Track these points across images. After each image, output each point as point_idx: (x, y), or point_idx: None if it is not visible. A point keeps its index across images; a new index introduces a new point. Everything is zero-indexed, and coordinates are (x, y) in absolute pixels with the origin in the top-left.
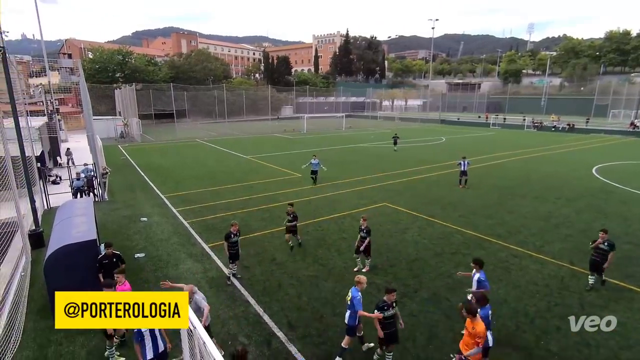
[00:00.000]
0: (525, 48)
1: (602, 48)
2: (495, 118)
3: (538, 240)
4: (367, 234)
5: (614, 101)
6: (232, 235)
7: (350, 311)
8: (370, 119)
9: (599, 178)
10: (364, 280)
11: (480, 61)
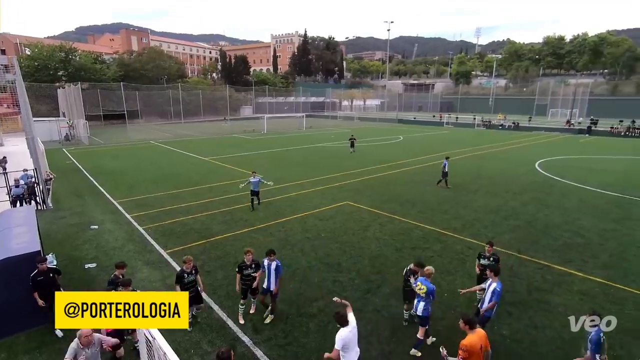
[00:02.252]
0: (474, 51)
1: (541, 52)
2: (449, 117)
3: (490, 232)
4: None
5: (552, 101)
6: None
7: (425, 303)
8: (330, 119)
9: (541, 172)
10: (433, 270)
11: (434, 63)
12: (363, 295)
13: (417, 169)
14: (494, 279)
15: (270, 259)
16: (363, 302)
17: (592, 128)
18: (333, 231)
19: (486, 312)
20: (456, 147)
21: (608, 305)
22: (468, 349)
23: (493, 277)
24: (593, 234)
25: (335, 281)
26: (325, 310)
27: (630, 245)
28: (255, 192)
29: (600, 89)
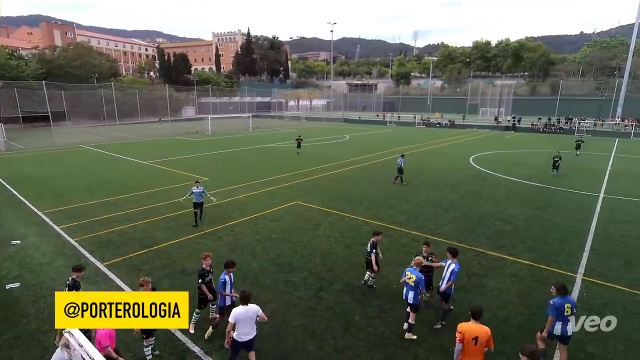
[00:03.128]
0: (412, 53)
1: (471, 55)
2: (391, 116)
3: (432, 224)
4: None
5: (482, 100)
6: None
7: (414, 292)
8: (277, 119)
9: (475, 166)
10: (422, 260)
11: (376, 64)
12: (316, 294)
13: (364, 167)
14: (452, 260)
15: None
16: (316, 301)
17: (516, 125)
18: (284, 232)
19: (447, 290)
20: (399, 145)
21: (535, 284)
22: (461, 331)
23: (452, 258)
24: (520, 220)
25: (288, 282)
26: (279, 312)
27: (551, 229)
28: (198, 203)
29: (522, 90)
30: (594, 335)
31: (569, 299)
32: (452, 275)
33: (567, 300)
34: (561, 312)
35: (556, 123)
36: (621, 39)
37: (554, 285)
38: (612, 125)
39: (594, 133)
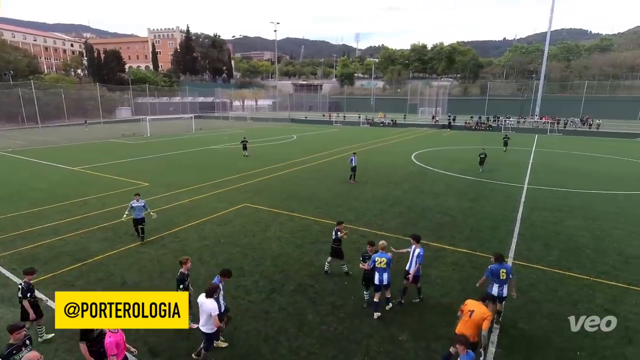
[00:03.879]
0: (355, 54)
1: (409, 57)
2: (337, 116)
3: (379, 220)
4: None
5: (421, 100)
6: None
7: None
8: (222, 119)
9: (416, 163)
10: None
11: (320, 64)
12: (268, 296)
13: (313, 166)
14: (416, 245)
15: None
16: (269, 303)
17: (452, 123)
18: (232, 235)
19: (417, 273)
20: (346, 144)
21: (472, 271)
22: (465, 303)
23: (416, 244)
24: (457, 212)
25: (239, 286)
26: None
27: (484, 219)
28: (139, 220)
29: (456, 91)
30: (523, 313)
31: (505, 265)
32: (418, 258)
33: (503, 266)
34: (497, 276)
35: (486, 121)
36: (537, 45)
37: (493, 256)
38: (532, 123)
39: (518, 130)
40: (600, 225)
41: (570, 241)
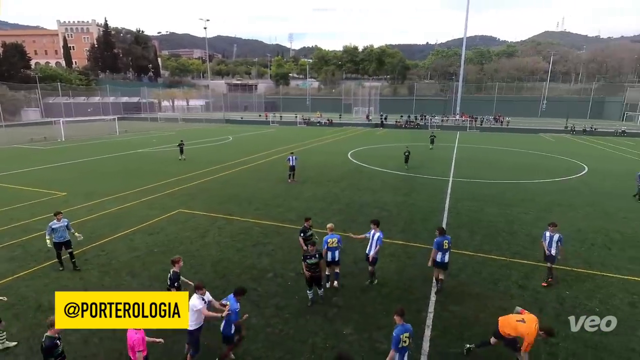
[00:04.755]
0: (289, 54)
1: (342, 58)
2: (274, 116)
3: (320, 218)
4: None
5: (355, 100)
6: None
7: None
8: (150, 121)
9: (353, 161)
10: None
11: (254, 64)
12: None
13: (251, 167)
14: (376, 229)
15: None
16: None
17: (384, 122)
18: (167, 244)
19: (375, 255)
20: (284, 144)
21: (407, 260)
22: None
23: (375, 227)
24: (392, 206)
25: None
26: (169, 332)
27: (416, 212)
28: (62, 243)
29: (386, 91)
30: (453, 296)
31: (447, 237)
32: (378, 241)
33: (446, 238)
34: (441, 247)
35: (414, 120)
36: (455, 49)
37: (437, 229)
38: (454, 121)
39: (442, 127)
40: (512, 211)
41: (490, 227)
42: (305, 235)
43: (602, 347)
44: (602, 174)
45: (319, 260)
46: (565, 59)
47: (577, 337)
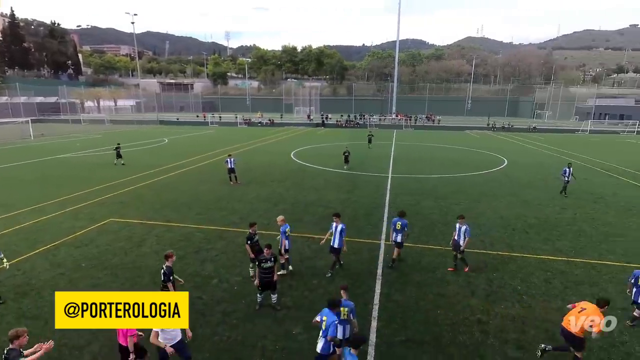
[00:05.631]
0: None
1: (281, 58)
2: (212, 117)
3: (265, 219)
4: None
5: (296, 100)
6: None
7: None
8: (71, 123)
9: (296, 161)
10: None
11: (189, 62)
12: None
13: (190, 170)
14: (338, 221)
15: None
16: None
17: (325, 122)
18: (97, 257)
19: (339, 245)
20: (225, 145)
21: (352, 256)
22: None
23: (338, 220)
24: (336, 204)
25: None
26: (103, 353)
27: (359, 208)
28: None
29: (326, 91)
30: (396, 286)
31: (401, 219)
32: (342, 233)
33: (400, 220)
34: (395, 226)
35: (354, 119)
36: (389, 51)
37: (397, 212)
38: (390, 120)
39: (380, 126)
40: (445, 203)
41: (426, 219)
42: (252, 242)
43: (522, 319)
44: (520, 166)
45: (274, 265)
46: (485, 62)
47: (504, 314)
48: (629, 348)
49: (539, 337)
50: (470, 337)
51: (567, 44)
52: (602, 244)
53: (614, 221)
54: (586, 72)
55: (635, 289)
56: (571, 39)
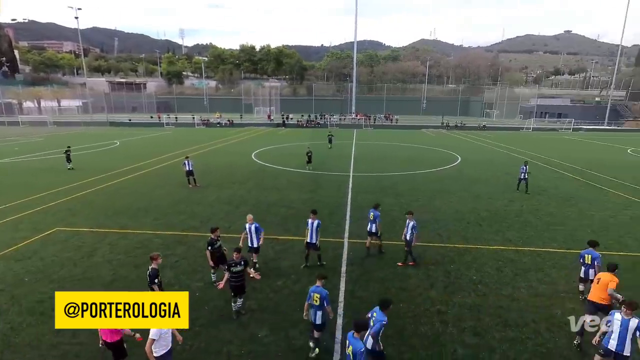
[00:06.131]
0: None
1: (239, 57)
2: (168, 118)
3: (226, 222)
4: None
5: (255, 100)
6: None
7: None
8: (8, 125)
9: (257, 162)
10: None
11: (141, 60)
12: None
13: (146, 173)
14: (314, 218)
15: None
16: None
17: (286, 122)
18: (42, 270)
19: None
20: (182, 147)
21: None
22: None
23: (314, 217)
24: (299, 204)
25: (59, 331)
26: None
27: (323, 207)
28: None
29: (286, 91)
30: (360, 283)
31: (374, 211)
32: (318, 227)
33: (373, 211)
34: (369, 218)
35: (315, 119)
36: (348, 52)
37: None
38: (350, 120)
39: (341, 126)
40: (404, 200)
41: (387, 216)
42: (214, 248)
43: (478, 307)
44: (471, 163)
45: (244, 268)
46: (438, 64)
47: (461, 303)
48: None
49: (493, 322)
50: (431, 327)
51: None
52: (545, 232)
53: (555, 211)
54: (528, 74)
55: (584, 267)
56: (514, 43)
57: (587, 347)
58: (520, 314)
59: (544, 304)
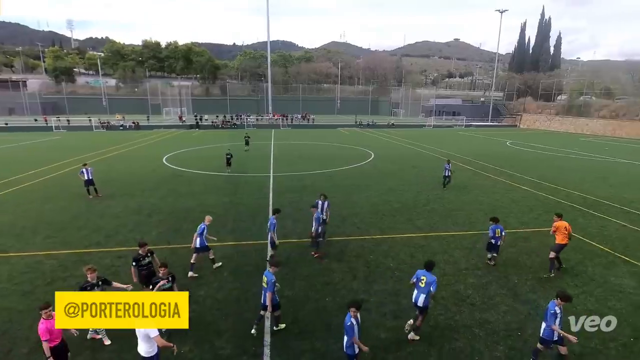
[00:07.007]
0: (70, 45)
1: (143, 54)
2: (58, 120)
3: (137, 234)
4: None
5: (164, 100)
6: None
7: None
8: None
9: (169, 166)
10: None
11: (18, 54)
12: None
13: (31, 186)
14: (274, 216)
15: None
16: None
17: (200, 123)
18: None
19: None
20: (78, 154)
21: (241, 259)
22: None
23: (274, 215)
24: (219, 208)
25: None
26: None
27: (243, 210)
28: None
29: (198, 91)
30: (285, 282)
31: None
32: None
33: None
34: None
35: (231, 119)
36: (261, 52)
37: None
38: (267, 120)
39: (258, 126)
40: None
41: (309, 214)
42: (140, 265)
43: (396, 292)
44: (384, 159)
45: (172, 285)
46: (349, 65)
47: (381, 290)
48: (473, 300)
49: (409, 305)
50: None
51: (411, 52)
52: (448, 218)
53: (455, 199)
54: (427, 77)
55: (494, 240)
56: (414, 48)
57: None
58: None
59: (450, 282)
